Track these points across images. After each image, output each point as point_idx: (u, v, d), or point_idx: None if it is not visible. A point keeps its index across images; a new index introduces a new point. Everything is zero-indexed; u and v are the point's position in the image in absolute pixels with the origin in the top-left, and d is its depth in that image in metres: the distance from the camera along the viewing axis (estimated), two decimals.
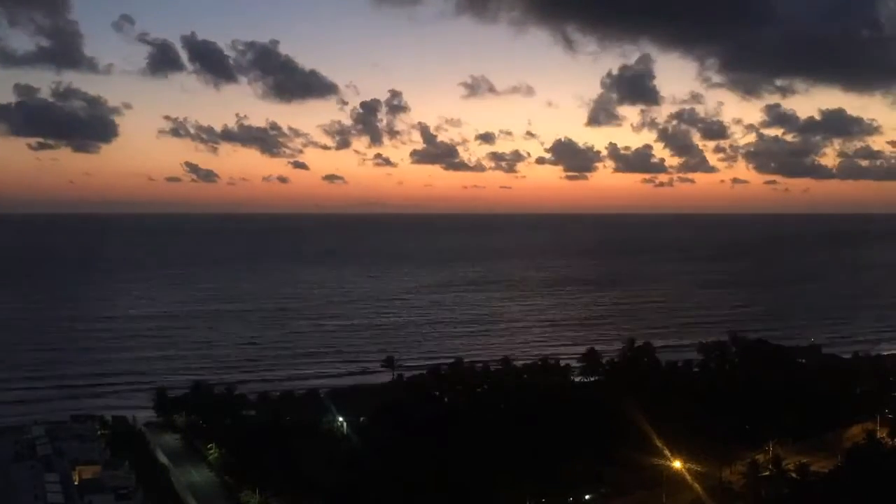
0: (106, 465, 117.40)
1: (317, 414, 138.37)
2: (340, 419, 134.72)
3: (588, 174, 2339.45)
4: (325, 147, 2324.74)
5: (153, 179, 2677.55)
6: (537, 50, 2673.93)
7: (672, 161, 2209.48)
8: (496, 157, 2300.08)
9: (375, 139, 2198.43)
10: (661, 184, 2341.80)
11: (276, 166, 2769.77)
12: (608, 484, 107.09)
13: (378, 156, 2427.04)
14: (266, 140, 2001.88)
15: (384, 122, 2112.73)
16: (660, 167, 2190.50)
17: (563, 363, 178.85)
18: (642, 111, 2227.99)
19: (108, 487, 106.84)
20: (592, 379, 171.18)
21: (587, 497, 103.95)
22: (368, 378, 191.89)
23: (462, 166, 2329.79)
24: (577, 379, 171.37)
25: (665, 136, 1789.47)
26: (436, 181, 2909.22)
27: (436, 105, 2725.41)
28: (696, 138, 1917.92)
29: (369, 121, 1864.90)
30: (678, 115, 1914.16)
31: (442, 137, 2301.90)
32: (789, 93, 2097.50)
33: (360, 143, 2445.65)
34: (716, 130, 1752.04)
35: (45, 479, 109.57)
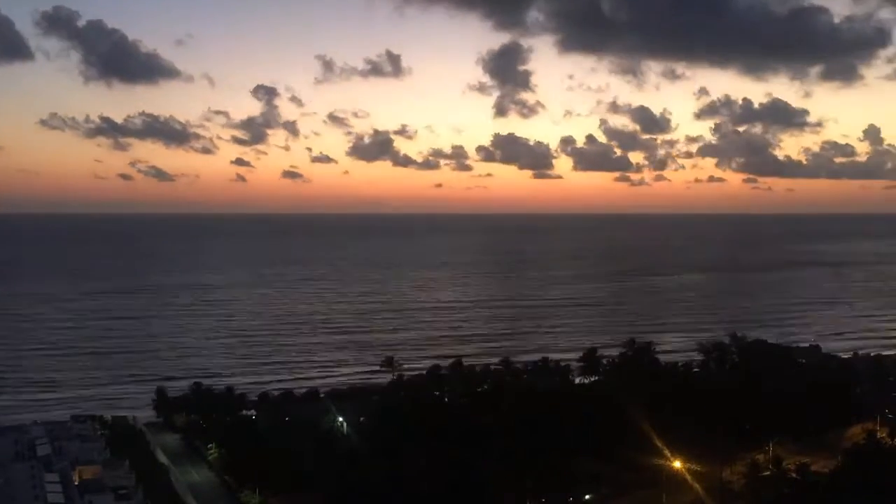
0: (106, 465, 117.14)
1: (317, 414, 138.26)
2: (340, 419, 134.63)
3: (548, 171, 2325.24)
4: (240, 141, 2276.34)
5: (101, 177, 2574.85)
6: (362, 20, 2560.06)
7: (635, 158, 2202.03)
8: (439, 153, 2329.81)
9: (293, 132, 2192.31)
10: (641, 181, 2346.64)
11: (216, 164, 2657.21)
12: (608, 484, 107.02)
13: (308, 149, 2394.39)
14: (168, 133, 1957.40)
15: (283, 112, 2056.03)
16: (623, 163, 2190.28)
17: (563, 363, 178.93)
18: (580, 102, 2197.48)
19: (108, 487, 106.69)
20: (592, 379, 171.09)
21: (587, 497, 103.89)
22: (368, 378, 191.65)
23: (409, 162, 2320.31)
24: (576, 379, 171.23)
25: (607, 130, 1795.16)
26: (402, 181, 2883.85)
27: (299, 89, 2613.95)
28: (637, 131, 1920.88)
29: (272, 113, 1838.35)
30: (612, 107, 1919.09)
31: (349, 129, 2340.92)
32: (675, 77, 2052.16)
33: (277, 136, 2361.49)
34: (657, 122, 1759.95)
35: (45, 479, 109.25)
